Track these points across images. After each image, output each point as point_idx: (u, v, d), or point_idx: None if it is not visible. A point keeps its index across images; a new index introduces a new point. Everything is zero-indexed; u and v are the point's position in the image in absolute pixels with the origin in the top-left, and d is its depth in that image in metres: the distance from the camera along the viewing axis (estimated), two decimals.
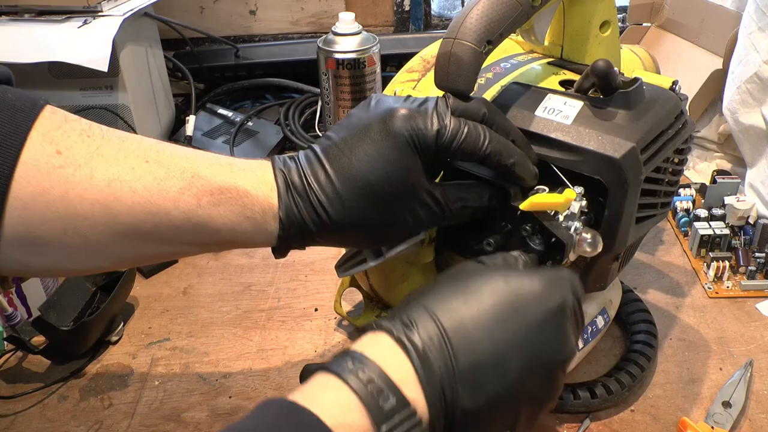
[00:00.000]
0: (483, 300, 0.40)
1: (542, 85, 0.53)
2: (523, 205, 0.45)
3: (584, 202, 0.46)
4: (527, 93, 0.51)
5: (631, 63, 0.67)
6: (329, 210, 0.44)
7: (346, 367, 0.36)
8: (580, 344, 0.56)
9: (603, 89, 0.48)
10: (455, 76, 0.45)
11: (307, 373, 0.39)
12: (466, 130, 0.44)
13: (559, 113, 0.48)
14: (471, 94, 0.46)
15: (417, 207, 0.45)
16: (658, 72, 0.71)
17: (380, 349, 0.38)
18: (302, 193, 0.44)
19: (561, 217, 0.45)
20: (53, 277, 0.65)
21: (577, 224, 0.45)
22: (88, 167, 0.43)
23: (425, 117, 0.44)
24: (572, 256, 0.45)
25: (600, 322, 0.58)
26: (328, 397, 0.36)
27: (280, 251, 0.47)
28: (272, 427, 0.34)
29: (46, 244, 0.43)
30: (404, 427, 0.35)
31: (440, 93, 0.46)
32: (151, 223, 0.44)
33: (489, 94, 0.52)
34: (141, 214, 0.43)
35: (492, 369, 0.38)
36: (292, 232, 0.45)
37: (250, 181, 0.45)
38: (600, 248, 0.46)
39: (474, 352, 0.38)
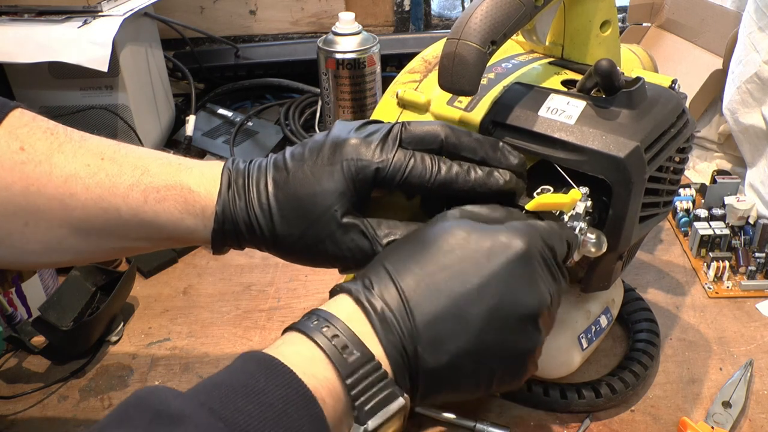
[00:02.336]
0: (441, 255, 0.40)
1: (544, 85, 0.53)
2: (529, 206, 0.45)
3: (589, 203, 0.46)
4: (530, 93, 0.51)
5: (629, 62, 0.67)
6: (258, 215, 0.45)
7: (310, 324, 0.38)
8: (585, 344, 0.56)
9: (606, 89, 0.48)
10: (459, 77, 0.45)
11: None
12: (411, 164, 0.44)
13: (563, 113, 0.48)
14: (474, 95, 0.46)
15: (339, 235, 0.45)
16: (656, 71, 0.71)
17: (343, 309, 0.40)
18: (240, 194, 0.46)
19: (566, 217, 0.45)
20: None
21: (582, 224, 0.45)
22: (48, 163, 0.44)
23: (369, 150, 0.45)
24: (576, 256, 0.45)
25: (604, 321, 0.58)
26: (293, 351, 0.37)
27: (216, 247, 0.48)
28: (249, 378, 0.36)
29: (8, 237, 0.45)
30: (370, 380, 0.37)
31: (444, 93, 0.46)
32: (102, 219, 0.45)
33: (491, 95, 0.52)
34: (93, 209, 0.45)
35: (451, 324, 0.39)
36: (226, 228, 0.46)
37: (196, 178, 0.46)
38: (605, 248, 0.46)
39: (432, 310, 0.39)
